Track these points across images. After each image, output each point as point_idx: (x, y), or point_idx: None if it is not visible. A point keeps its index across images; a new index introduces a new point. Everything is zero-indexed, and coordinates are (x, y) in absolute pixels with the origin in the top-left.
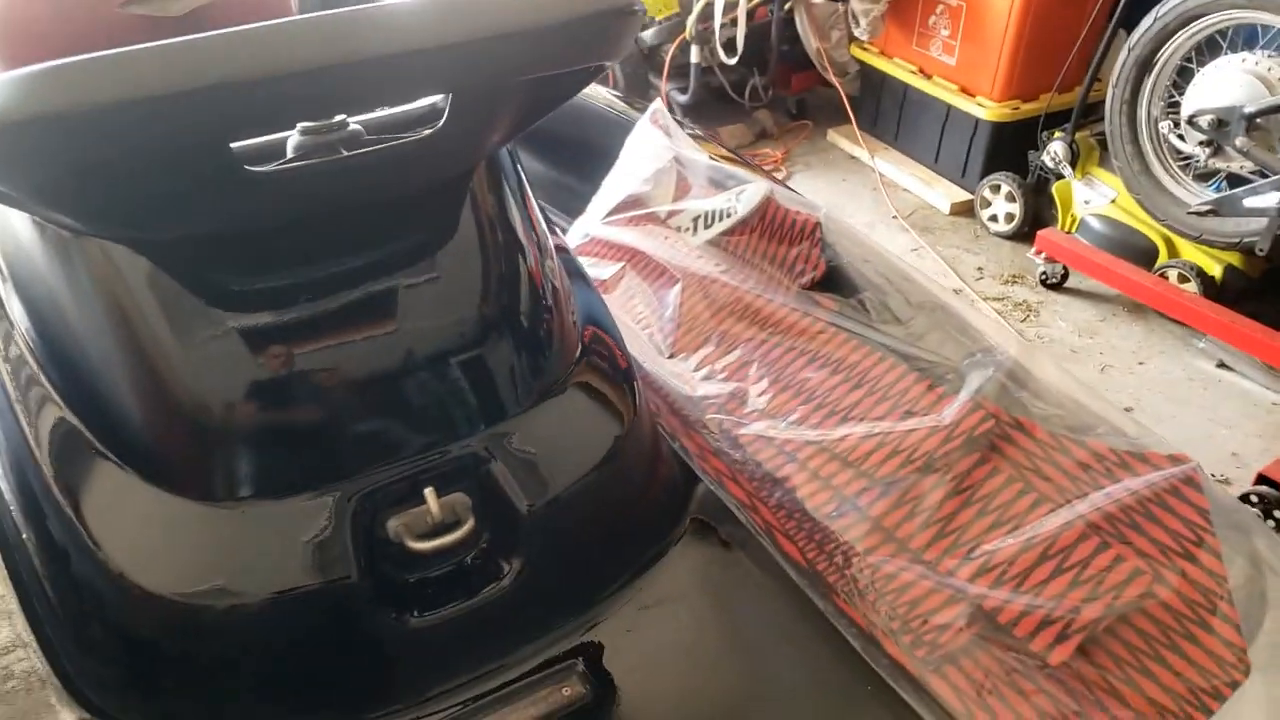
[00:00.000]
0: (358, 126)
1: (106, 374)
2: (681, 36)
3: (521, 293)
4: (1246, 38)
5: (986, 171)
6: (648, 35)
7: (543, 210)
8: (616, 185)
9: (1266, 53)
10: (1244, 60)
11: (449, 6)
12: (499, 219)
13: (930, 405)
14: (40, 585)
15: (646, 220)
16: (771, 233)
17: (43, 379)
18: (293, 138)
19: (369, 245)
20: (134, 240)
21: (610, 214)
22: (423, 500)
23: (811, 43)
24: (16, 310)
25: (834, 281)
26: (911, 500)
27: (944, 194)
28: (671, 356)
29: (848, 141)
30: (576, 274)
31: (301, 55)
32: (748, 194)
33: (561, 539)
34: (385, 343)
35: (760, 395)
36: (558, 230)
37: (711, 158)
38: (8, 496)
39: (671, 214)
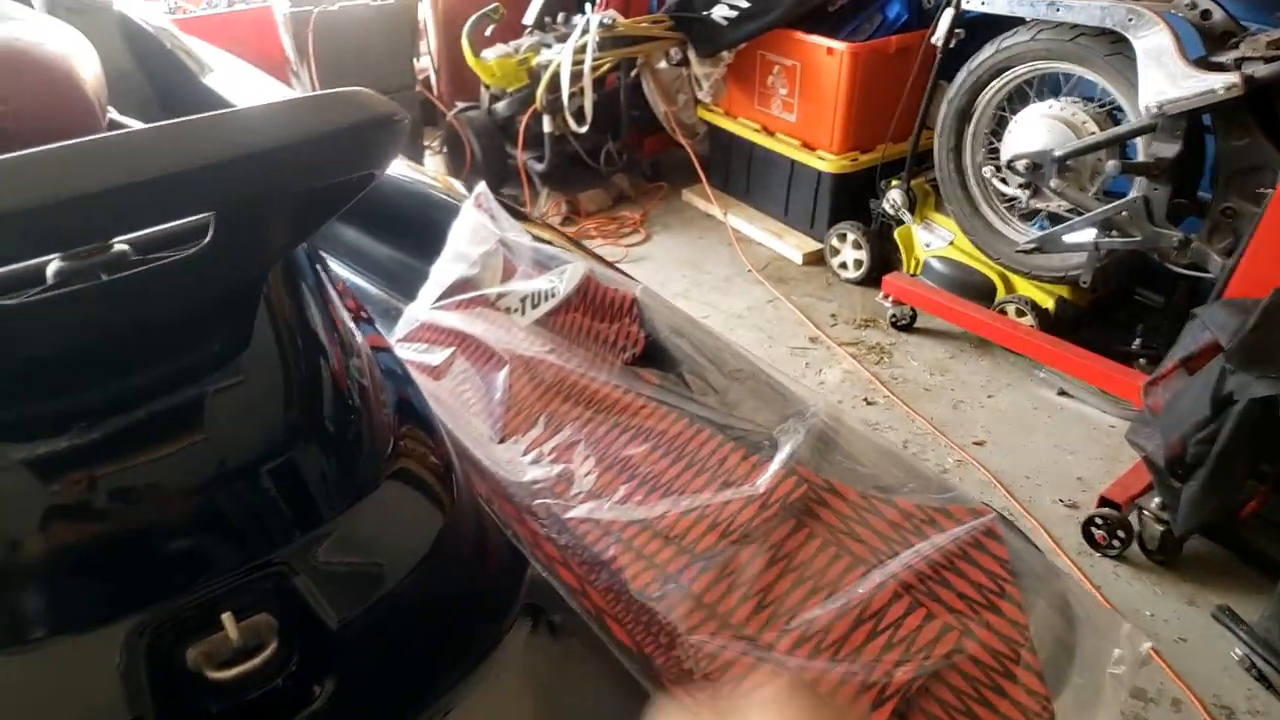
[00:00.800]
0: (124, 246)
1: None
2: (533, 108)
3: (324, 397)
4: (1053, 86)
5: (833, 221)
6: (500, 107)
7: (357, 301)
8: (445, 270)
9: (1070, 99)
10: (1050, 107)
11: (201, 127)
12: (297, 323)
13: (746, 474)
14: None
15: (477, 303)
16: (593, 310)
17: None
18: (53, 262)
19: (155, 362)
20: None
21: (440, 298)
22: (220, 627)
23: (659, 106)
24: None
25: (653, 356)
26: (731, 573)
27: (795, 245)
28: (502, 441)
29: (702, 200)
30: (390, 368)
31: (44, 187)
32: (568, 273)
33: (379, 648)
34: (181, 461)
35: (586, 475)
36: (369, 325)
37: (535, 238)
38: None
39: (500, 296)
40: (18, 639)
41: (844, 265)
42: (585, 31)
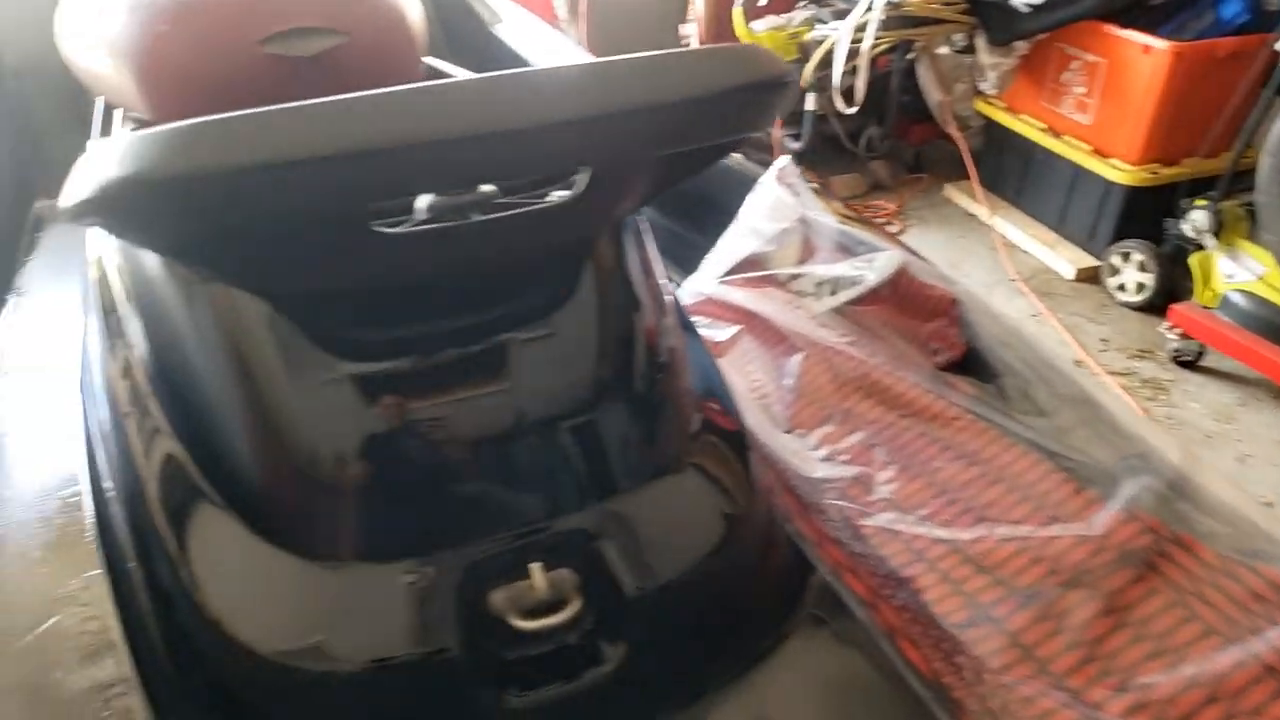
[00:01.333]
0: (490, 188)
1: (217, 415)
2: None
3: (640, 365)
4: None
5: (1117, 237)
6: None
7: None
8: (736, 244)
9: None
10: None
11: (596, 75)
12: (622, 286)
13: (1077, 511)
14: (143, 621)
15: (766, 283)
16: (904, 306)
17: (155, 410)
18: (422, 197)
19: (488, 305)
20: (259, 290)
21: (728, 274)
22: (527, 574)
23: (934, 94)
24: (136, 337)
25: (970, 364)
26: (1055, 616)
27: (1068, 259)
28: (789, 431)
29: (966, 198)
30: (695, 342)
31: (445, 124)
32: (880, 262)
33: (667, 627)
34: (499, 408)
35: (887, 483)
36: (675, 293)
37: (840, 221)
38: (120, 524)
39: (793, 277)
40: (336, 555)
41: (1123, 287)
42: (869, 9)
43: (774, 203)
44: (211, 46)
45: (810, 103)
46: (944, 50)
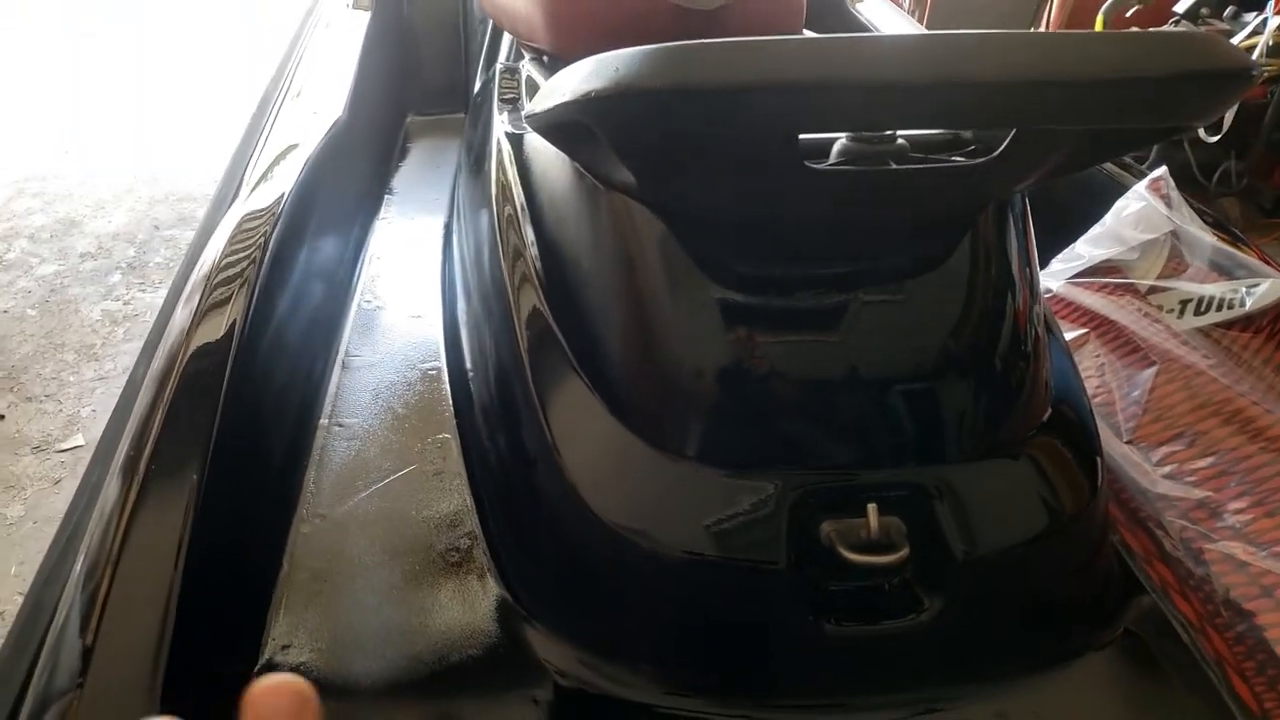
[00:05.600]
0: (904, 141)
1: (599, 313)
2: None
3: (1005, 339)
4: None
5: None
6: None
7: None
8: (1094, 247)
9: None
10: None
11: (1053, 43)
12: (999, 259)
13: None
14: (492, 482)
15: (1122, 290)
16: None
17: (541, 301)
18: (840, 141)
19: (868, 256)
20: (667, 208)
21: (1078, 275)
22: (862, 513)
23: None
24: (530, 235)
25: None
26: None
27: None
28: (1130, 442)
29: None
30: (1056, 338)
31: (905, 70)
32: (1263, 289)
33: (984, 599)
34: (857, 351)
35: (1237, 513)
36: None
37: (1220, 243)
38: (478, 398)
39: (1153, 290)
40: (684, 452)
41: None
42: (1255, 31)
43: (1143, 212)
44: None
45: None
46: None
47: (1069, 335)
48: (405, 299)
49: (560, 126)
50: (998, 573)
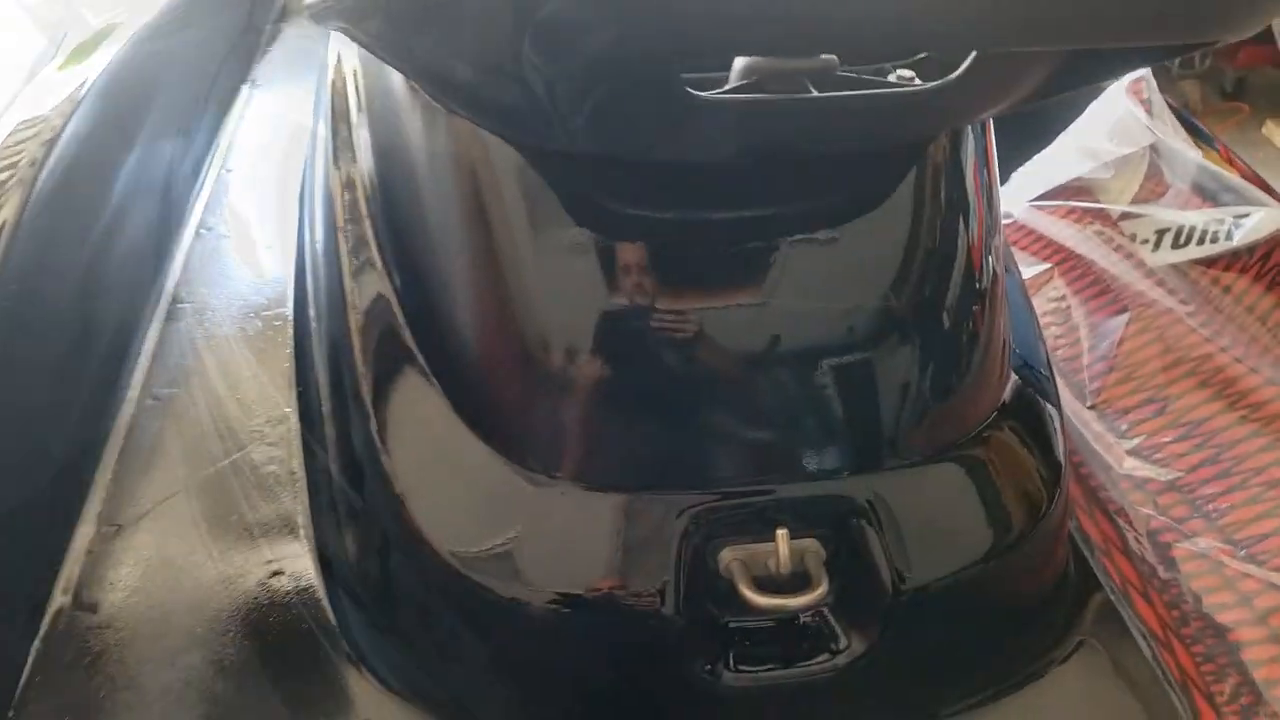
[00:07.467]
0: (831, 58)
1: (439, 267)
2: None
3: (953, 311)
4: None
5: None
6: None
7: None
8: (1060, 162)
9: None
10: None
11: None
12: (949, 201)
13: None
14: (327, 479)
15: (1091, 216)
16: (1275, 283)
17: (374, 251)
18: (740, 61)
19: (780, 202)
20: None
21: (1042, 197)
22: (767, 537)
23: None
24: (365, 160)
25: None
26: None
27: None
28: (1093, 407)
29: None
30: (1014, 274)
31: None
32: (1254, 221)
33: (918, 634)
34: (767, 330)
35: (1212, 500)
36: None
37: (1206, 160)
38: (318, 358)
39: (1126, 216)
40: (551, 468)
41: None
42: None
43: (1121, 120)
44: None
45: None
46: None
47: (1029, 272)
48: (256, 225)
49: (340, 18)
50: (937, 603)
